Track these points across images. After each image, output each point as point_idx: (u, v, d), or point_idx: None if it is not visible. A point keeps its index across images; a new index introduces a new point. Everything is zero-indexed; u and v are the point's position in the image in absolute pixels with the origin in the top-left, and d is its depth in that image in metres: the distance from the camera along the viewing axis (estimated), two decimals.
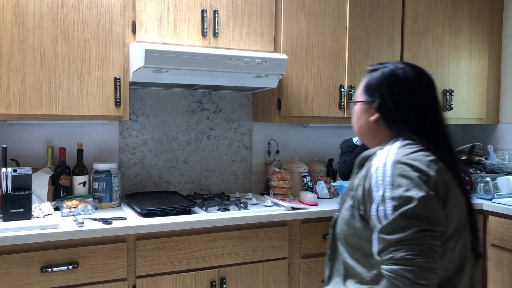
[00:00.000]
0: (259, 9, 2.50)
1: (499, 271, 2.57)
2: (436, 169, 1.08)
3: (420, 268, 0.99)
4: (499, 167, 3.03)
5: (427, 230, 1.01)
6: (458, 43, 3.08)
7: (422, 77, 1.23)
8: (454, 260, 1.10)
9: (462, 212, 1.14)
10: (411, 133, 1.15)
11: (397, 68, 1.22)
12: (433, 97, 1.23)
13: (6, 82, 2.02)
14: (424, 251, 1.00)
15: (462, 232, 1.12)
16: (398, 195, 1.03)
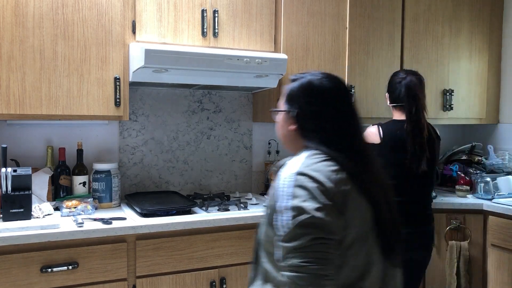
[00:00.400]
0: (259, 9, 2.50)
1: (499, 271, 2.57)
2: (336, 179, 1.11)
3: (312, 275, 1.03)
4: (499, 167, 3.03)
5: (321, 238, 1.05)
6: (458, 43, 3.08)
7: (338, 88, 1.25)
8: (358, 266, 1.13)
9: (366, 220, 1.15)
10: (321, 143, 1.18)
11: (314, 79, 1.25)
12: (347, 108, 1.25)
13: (6, 82, 2.02)
14: (318, 258, 1.04)
15: (366, 240, 1.15)
16: (295, 206, 1.08)
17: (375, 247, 1.17)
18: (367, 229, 1.15)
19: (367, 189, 1.15)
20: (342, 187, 1.11)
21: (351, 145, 1.20)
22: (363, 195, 1.15)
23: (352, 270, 1.13)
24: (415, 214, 2.16)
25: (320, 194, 1.08)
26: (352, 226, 1.12)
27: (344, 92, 1.26)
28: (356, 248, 1.13)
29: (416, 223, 2.15)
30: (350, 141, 1.21)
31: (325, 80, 1.24)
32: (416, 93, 2.13)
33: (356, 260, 1.13)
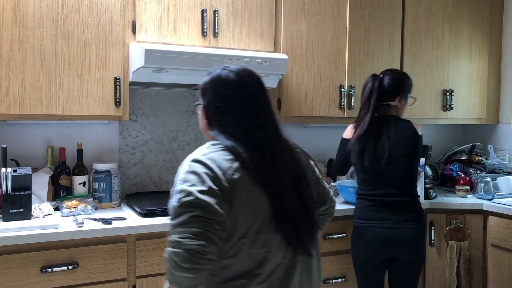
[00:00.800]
0: (259, 9, 2.50)
1: (499, 271, 2.57)
2: (227, 168, 1.16)
3: (188, 252, 1.06)
4: (499, 167, 3.03)
5: (201, 217, 1.09)
6: (458, 43, 3.08)
7: (243, 82, 1.27)
8: (255, 254, 1.17)
9: (261, 210, 1.18)
10: (222, 134, 1.24)
11: (223, 72, 1.28)
12: (251, 102, 1.26)
13: (6, 82, 2.02)
14: (195, 234, 1.07)
15: (262, 228, 1.18)
16: (183, 189, 1.14)
17: (276, 236, 1.21)
18: (263, 218, 1.19)
19: (264, 179, 1.18)
20: (233, 175, 1.16)
21: (252, 138, 1.23)
22: (258, 185, 1.18)
23: (249, 257, 1.17)
24: (390, 208, 2.15)
25: (208, 180, 1.13)
26: (244, 214, 1.16)
27: (249, 87, 1.28)
28: (252, 237, 1.17)
29: (393, 219, 2.13)
30: (252, 133, 1.23)
31: (232, 74, 1.27)
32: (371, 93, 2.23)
33: (252, 248, 1.17)
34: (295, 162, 1.30)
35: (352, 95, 2.73)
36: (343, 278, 2.46)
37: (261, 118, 1.26)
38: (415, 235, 2.14)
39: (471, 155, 3.21)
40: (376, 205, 2.18)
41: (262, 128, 1.25)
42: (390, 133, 2.16)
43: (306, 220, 1.27)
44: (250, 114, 1.26)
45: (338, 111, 2.73)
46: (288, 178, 1.24)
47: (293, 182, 1.26)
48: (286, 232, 1.22)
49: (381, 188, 2.17)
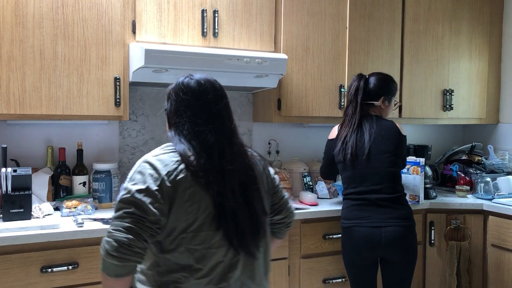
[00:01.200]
0: (259, 9, 2.50)
1: (499, 271, 2.57)
2: (172, 169, 1.25)
3: (116, 242, 1.18)
4: (499, 167, 3.03)
5: (134, 214, 1.20)
6: (458, 43, 3.08)
7: (201, 90, 1.35)
8: (194, 250, 1.26)
9: (204, 210, 1.26)
10: (176, 137, 1.32)
11: (185, 80, 1.37)
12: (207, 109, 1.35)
13: (6, 82, 2.02)
14: (125, 229, 1.19)
15: (203, 226, 1.26)
16: (126, 187, 1.26)
17: (217, 235, 1.28)
18: (204, 217, 1.26)
19: (207, 181, 1.26)
20: (176, 177, 1.24)
21: (204, 141, 1.30)
22: (202, 186, 1.26)
23: (188, 252, 1.26)
24: (374, 206, 2.12)
25: (150, 180, 1.24)
26: (185, 213, 1.25)
27: (207, 94, 1.36)
28: (191, 233, 1.25)
29: (376, 217, 2.11)
30: (204, 137, 1.31)
31: (192, 82, 1.36)
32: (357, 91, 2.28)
33: (191, 244, 1.25)
34: (245, 167, 1.35)
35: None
36: (343, 278, 2.46)
37: (215, 124, 1.34)
38: (401, 233, 2.10)
39: (471, 155, 3.21)
40: (359, 204, 2.16)
41: (214, 132, 1.32)
42: (371, 130, 2.19)
43: (251, 223, 1.32)
44: (205, 119, 1.33)
45: (338, 111, 2.73)
46: (235, 181, 1.30)
47: (241, 186, 1.31)
48: (227, 231, 1.28)
49: (363, 185, 2.16)
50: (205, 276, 1.27)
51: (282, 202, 1.53)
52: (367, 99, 2.27)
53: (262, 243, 1.39)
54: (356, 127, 2.22)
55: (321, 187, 2.74)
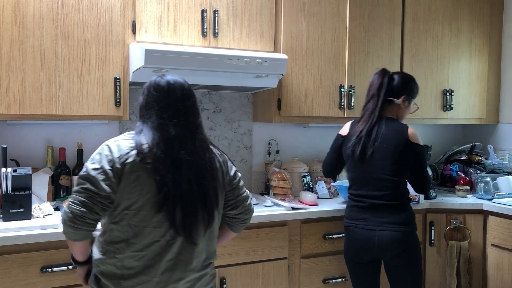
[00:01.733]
0: (259, 9, 2.50)
1: (499, 271, 2.57)
2: (124, 153, 1.40)
3: (71, 213, 1.36)
4: (499, 167, 3.03)
5: (88, 189, 1.37)
6: (458, 43, 3.08)
7: (169, 87, 1.48)
8: (133, 226, 1.40)
9: (146, 193, 1.39)
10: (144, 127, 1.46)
11: (157, 79, 1.50)
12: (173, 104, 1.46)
13: (6, 82, 2.02)
14: (79, 201, 1.37)
15: (143, 207, 1.39)
16: (86, 165, 1.42)
17: (157, 216, 1.40)
18: (147, 198, 1.39)
19: (154, 167, 1.38)
20: (126, 160, 1.39)
21: (165, 133, 1.43)
22: (148, 171, 1.38)
23: (128, 226, 1.40)
24: (371, 209, 2.13)
25: (105, 160, 1.40)
26: (129, 192, 1.39)
27: (175, 92, 1.47)
28: (133, 210, 1.39)
29: (372, 221, 2.12)
30: (166, 130, 1.43)
31: (163, 81, 1.49)
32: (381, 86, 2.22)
33: (132, 220, 1.40)
34: (203, 160, 1.47)
35: (352, 95, 2.73)
36: (343, 278, 2.46)
37: (179, 119, 1.46)
38: (396, 237, 2.08)
39: (471, 155, 3.21)
40: (358, 206, 2.18)
41: (176, 127, 1.45)
42: (379, 134, 2.14)
43: (198, 212, 1.44)
44: (171, 114, 1.46)
45: (338, 111, 2.73)
46: (191, 171, 1.43)
47: (196, 176, 1.43)
48: (169, 215, 1.40)
49: (363, 189, 2.16)
50: (138, 251, 1.41)
51: (239, 199, 1.61)
52: (388, 95, 2.20)
53: (207, 232, 1.49)
54: (375, 123, 2.16)
55: (321, 187, 2.74)
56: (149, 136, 1.43)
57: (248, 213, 1.66)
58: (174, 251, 1.43)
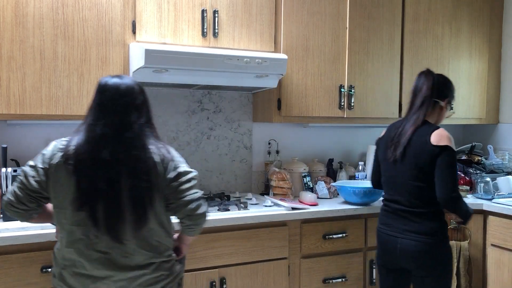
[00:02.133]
0: (259, 9, 2.50)
1: (499, 271, 2.57)
2: (54, 154, 1.49)
3: (5, 200, 1.51)
4: (499, 167, 3.03)
5: (21, 182, 1.50)
6: (458, 43, 3.08)
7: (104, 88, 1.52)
8: (62, 223, 1.50)
9: (68, 192, 1.45)
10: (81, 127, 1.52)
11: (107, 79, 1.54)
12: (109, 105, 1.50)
13: (6, 82, 2.02)
14: (11, 191, 1.51)
15: (69, 205, 1.46)
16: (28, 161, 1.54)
17: (79, 214, 1.46)
18: (70, 198, 1.45)
19: (75, 168, 1.44)
20: (53, 161, 1.48)
21: (94, 133, 1.47)
22: (70, 171, 1.45)
23: (60, 223, 1.51)
24: (395, 215, 2.07)
25: (39, 159, 1.51)
26: (55, 191, 1.48)
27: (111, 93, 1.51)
28: (60, 209, 1.49)
29: (395, 227, 2.06)
30: (94, 130, 1.47)
31: (102, 82, 1.54)
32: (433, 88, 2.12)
33: (59, 218, 1.50)
34: (130, 160, 1.47)
35: (352, 95, 2.73)
36: (343, 278, 2.46)
37: (107, 119, 1.48)
38: (419, 248, 1.99)
39: (471, 155, 3.21)
40: (385, 210, 2.15)
41: (105, 127, 1.47)
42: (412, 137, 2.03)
43: (122, 211, 1.45)
44: (101, 114, 1.49)
45: (338, 111, 2.73)
46: (111, 171, 1.45)
47: (120, 176, 1.45)
48: (90, 214, 1.44)
49: (389, 193, 2.13)
50: (68, 247, 1.49)
51: (180, 203, 1.55)
52: (436, 97, 2.11)
53: (142, 231, 1.49)
54: (420, 125, 2.05)
55: (321, 187, 2.74)
56: (78, 137, 1.49)
57: (192, 219, 1.58)
58: (100, 249, 1.47)
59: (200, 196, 1.59)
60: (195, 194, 1.57)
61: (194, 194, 1.57)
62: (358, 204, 2.54)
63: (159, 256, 1.55)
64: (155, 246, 1.54)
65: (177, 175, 1.54)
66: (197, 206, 1.56)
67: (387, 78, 2.85)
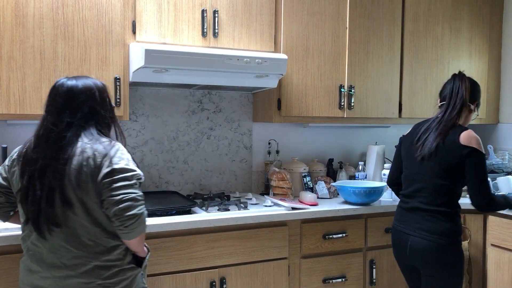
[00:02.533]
0: (259, 9, 2.50)
1: (499, 271, 2.57)
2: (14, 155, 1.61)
3: None
4: (499, 167, 3.03)
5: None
6: (458, 43, 3.08)
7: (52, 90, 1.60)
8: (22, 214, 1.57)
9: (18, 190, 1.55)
10: None
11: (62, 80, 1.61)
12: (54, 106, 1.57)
13: (6, 82, 2.02)
14: None
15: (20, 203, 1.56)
16: None
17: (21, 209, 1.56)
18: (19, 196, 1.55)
19: (23, 169, 1.53)
20: (10, 161, 1.61)
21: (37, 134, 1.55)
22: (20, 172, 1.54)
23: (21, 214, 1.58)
24: (409, 211, 2.08)
25: (9, 158, 1.62)
26: (13, 189, 1.59)
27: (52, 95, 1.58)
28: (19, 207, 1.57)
29: (408, 224, 2.07)
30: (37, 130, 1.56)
31: (57, 83, 1.60)
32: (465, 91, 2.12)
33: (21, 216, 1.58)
34: (51, 159, 1.51)
35: (352, 95, 2.73)
36: (343, 278, 2.46)
37: (45, 120, 1.56)
38: (430, 247, 1.98)
39: None
40: (401, 206, 2.15)
41: (42, 128, 1.56)
42: (443, 139, 2.03)
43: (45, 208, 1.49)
44: (45, 116, 1.57)
45: (338, 111, 2.73)
46: (33, 169, 1.51)
47: (41, 174, 1.50)
48: (26, 210, 1.53)
49: (408, 188, 2.11)
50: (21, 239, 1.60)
51: (109, 201, 1.48)
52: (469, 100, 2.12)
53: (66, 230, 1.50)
54: (449, 128, 2.05)
55: (321, 187, 2.74)
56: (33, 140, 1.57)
57: (120, 220, 1.47)
58: (31, 242, 1.54)
59: (135, 197, 1.48)
60: (128, 195, 1.47)
61: (127, 194, 1.47)
62: (358, 204, 2.54)
63: (93, 258, 1.50)
64: (88, 245, 1.50)
65: (111, 172, 1.48)
66: (127, 207, 1.46)
67: (387, 78, 2.85)
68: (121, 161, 1.51)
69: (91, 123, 1.58)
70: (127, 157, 1.55)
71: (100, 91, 1.62)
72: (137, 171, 1.53)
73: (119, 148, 1.55)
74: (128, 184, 1.49)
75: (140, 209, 1.49)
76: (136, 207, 1.48)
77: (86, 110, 1.57)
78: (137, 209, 1.48)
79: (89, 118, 1.57)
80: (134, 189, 1.50)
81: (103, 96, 1.62)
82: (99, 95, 1.61)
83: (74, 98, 1.57)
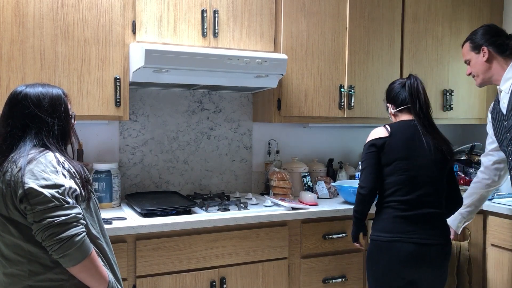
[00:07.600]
0: (259, 9, 2.50)
1: (499, 271, 2.57)
2: None
3: None
4: None
5: None
6: (458, 43, 3.07)
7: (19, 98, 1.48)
8: None
9: None
10: None
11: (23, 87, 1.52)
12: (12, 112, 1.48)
13: (6, 82, 2.02)
14: None
15: None
16: None
17: None
18: None
19: None
20: None
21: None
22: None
23: None
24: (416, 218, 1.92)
25: None
26: None
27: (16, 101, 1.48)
28: None
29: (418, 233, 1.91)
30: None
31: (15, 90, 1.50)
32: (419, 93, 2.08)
33: None
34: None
35: (352, 95, 2.73)
36: (343, 278, 2.46)
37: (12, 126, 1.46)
38: (445, 251, 1.95)
39: (471, 155, 3.21)
40: (401, 216, 1.93)
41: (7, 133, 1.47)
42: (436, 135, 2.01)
43: None
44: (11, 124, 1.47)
45: (338, 111, 2.73)
46: None
47: None
48: None
49: (412, 195, 1.93)
50: None
51: (34, 227, 1.33)
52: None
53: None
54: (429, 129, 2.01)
55: (321, 187, 2.74)
56: None
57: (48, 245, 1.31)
58: None
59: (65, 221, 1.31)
60: (55, 219, 1.30)
61: (54, 218, 1.30)
62: None
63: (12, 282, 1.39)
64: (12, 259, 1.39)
65: (24, 195, 1.32)
66: (53, 233, 1.30)
67: (387, 78, 2.85)
68: (32, 180, 1.33)
69: (31, 132, 1.45)
70: (43, 173, 1.35)
71: (52, 98, 1.49)
72: (50, 191, 1.32)
73: (40, 161, 1.38)
74: (48, 208, 1.31)
75: (72, 231, 1.31)
76: (65, 231, 1.30)
77: (28, 119, 1.45)
78: (67, 233, 1.30)
79: (31, 127, 1.45)
80: (61, 211, 1.32)
81: (54, 103, 1.48)
82: (49, 101, 1.48)
83: (17, 105, 1.47)
